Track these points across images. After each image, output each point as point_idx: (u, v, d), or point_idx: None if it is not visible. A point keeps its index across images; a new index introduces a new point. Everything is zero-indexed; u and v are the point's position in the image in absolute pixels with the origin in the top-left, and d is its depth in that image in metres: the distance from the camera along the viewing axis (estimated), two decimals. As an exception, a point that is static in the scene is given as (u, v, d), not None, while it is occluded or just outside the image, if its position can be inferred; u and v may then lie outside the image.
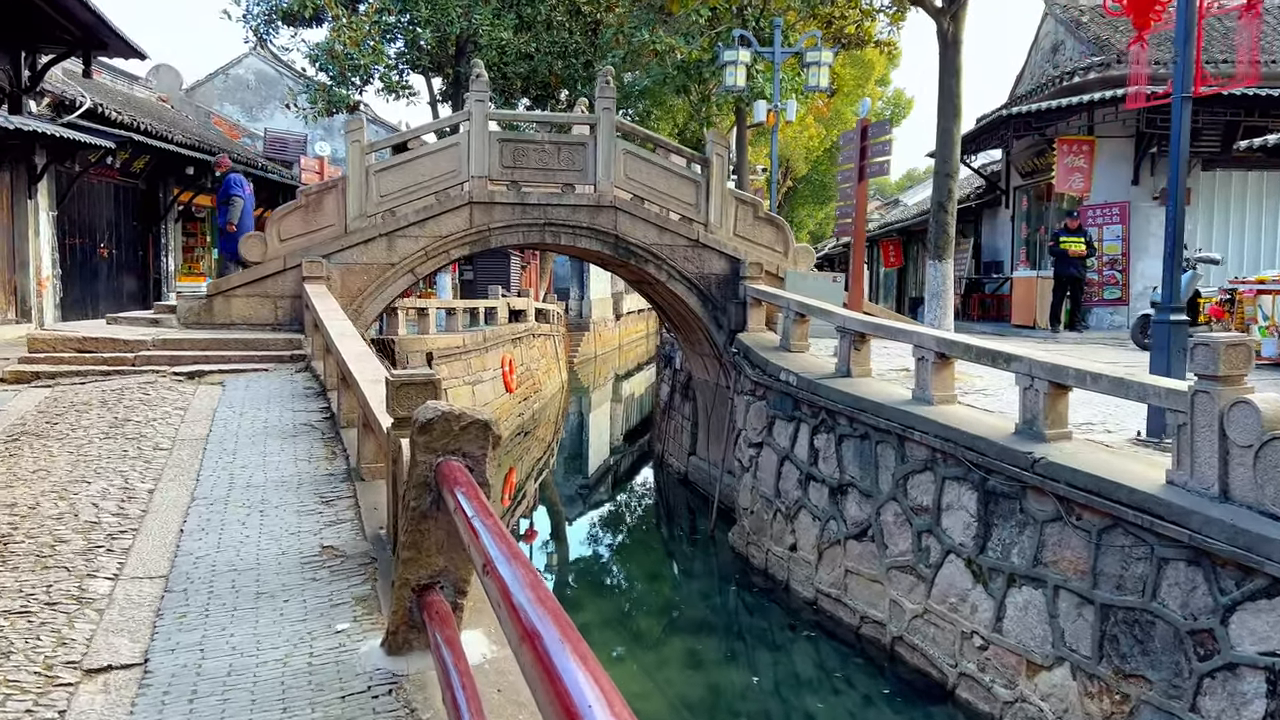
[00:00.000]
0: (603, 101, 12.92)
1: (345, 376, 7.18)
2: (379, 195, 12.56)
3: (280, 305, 12.22)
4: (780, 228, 13.62)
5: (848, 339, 9.86)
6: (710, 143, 13.31)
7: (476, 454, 3.81)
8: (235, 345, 10.96)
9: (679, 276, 13.27)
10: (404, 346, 15.96)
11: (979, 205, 22.95)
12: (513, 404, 23.08)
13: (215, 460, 6.88)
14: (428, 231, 12.63)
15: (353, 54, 19.33)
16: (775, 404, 10.83)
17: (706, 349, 14.30)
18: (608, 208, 12.99)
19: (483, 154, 12.68)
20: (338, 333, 8.32)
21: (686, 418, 16.76)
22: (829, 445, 9.61)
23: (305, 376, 10.04)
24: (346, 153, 12.49)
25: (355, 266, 12.43)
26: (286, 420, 8.12)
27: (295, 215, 12.36)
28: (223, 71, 32.11)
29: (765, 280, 13.22)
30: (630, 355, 51.00)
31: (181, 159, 19.32)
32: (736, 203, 13.47)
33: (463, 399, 18.36)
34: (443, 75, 23.90)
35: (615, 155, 12.99)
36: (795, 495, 10.21)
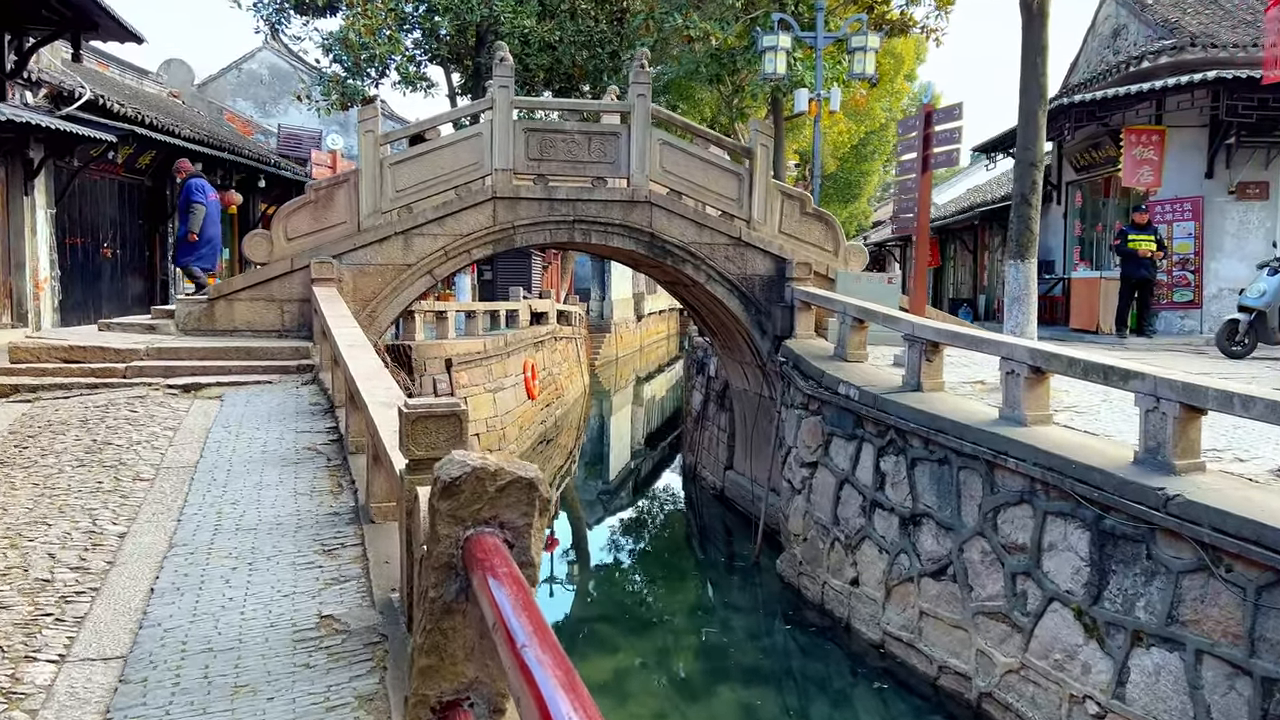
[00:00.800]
0: (637, 87, 11.95)
1: (353, 395, 6.24)
2: (394, 190, 11.64)
3: (287, 310, 11.32)
4: (830, 224, 12.60)
5: (918, 349, 8.83)
6: (753, 132, 12.30)
7: (518, 523, 2.85)
8: (236, 354, 10.06)
9: (719, 278, 12.27)
10: (421, 353, 15.05)
11: (1028, 201, 21.77)
12: (535, 411, 22.15)
13: (203, 494, 5.95)
14: (447, 229, 11.69)
15: (368, 43, 18.45)
16: (832, 420, 9.82)
17: (747, 356, 13.30)
18: (642, 203, 12.02)
19: (507, 145, 11.73)
20: (347, 343, 7.38)
21: (722, 429, 15.75)
22: (899, 469, 8.58)
23: (312, 390, 9.12)
24: (359, 144, 11.58)
25: (368, 268, 11.51)
26: (288, 443, 7.19)
27: (304, 212, 11.46)
28: (236, 66, 31.36)
29: (814, 282, 12.20)
30: (651, 357, 50.16)
31: (189, 154, 18.50)
32: (782, 197, 12.47)
33: (484, 408, 17.44)
34: (461, 67, 23.02)
35: (650, 146, 12.01)
36: (858, 523, 9.19)
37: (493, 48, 22.88)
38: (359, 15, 18.40)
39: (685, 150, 12.20)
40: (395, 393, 5.75)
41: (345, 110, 22.15)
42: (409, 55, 20.51)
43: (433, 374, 15.40)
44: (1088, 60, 19.41)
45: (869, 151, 46.33)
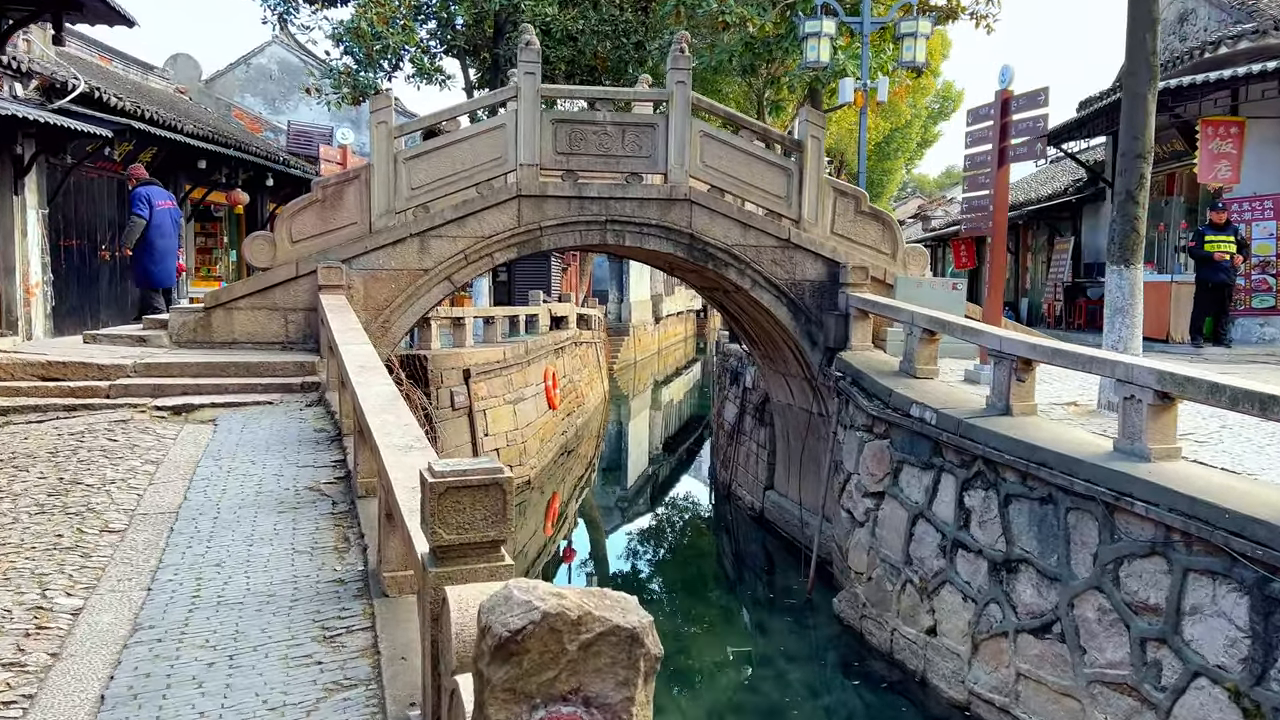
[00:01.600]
0: (676, 74, 10.92)
1: (363, 429, 5.25)
2: (409, 188, 10.66)
3: (291, 320, 10.36)
4: (887, 225, 11.55)
5: (1006, 367, 7.77)
6: (803, 123, 11.26)
7: (613, 701, 1.84)
8: (234, 370, 9.10)
9: (765, 283, 11.24)
10: (437, 364, 14.08)
11: (1079, 200, 20.66)
12: (556, 422, 21.17)
13: (182, 551, 4.97)
14: (468, 231, 10.70)
15: (381, 33, 17.51)
16: (903, 446, 8.77)
17: (794, 369, 12.26)
18: (681, 201, 11.00)
19: (533, 137, 10.73)
20: (356, 364, 6.39)
21: (762, 445, 14.71)
22: (988, 506, 7.53)
23: (317, 413, 8.14)
24: (370, 137, 10.60)
25: (381, 273, 10.54)
26: (287, 481, 6.20)
27: (310, 212, 10.49)
28: (244, 61, 30.54)
29: (871, 288, 11.15)
30: (669, 360, 49.33)
31: (194, 152, 17.60)
32: (835, 195, 11.42)
33: (504, 421, 16.46)
34: (478, 60, 22.05)
35: (691, 138, 10.98)
36: (935, 565, 8.14)
37: (512, 39, 21.96)
38: (372, 3, 17.45)
39: (728, 143, 11.17)
40: (413, 431, 4.75)
41: (356, 105, 21.21)
42: (424, 47, 19.55)
43: (450, 386, 14.42)
44: (1148, 48, 18.25)
45: (892, 149, 45.21)
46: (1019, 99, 9.40)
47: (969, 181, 10.31)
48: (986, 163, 9.95)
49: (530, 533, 15.92)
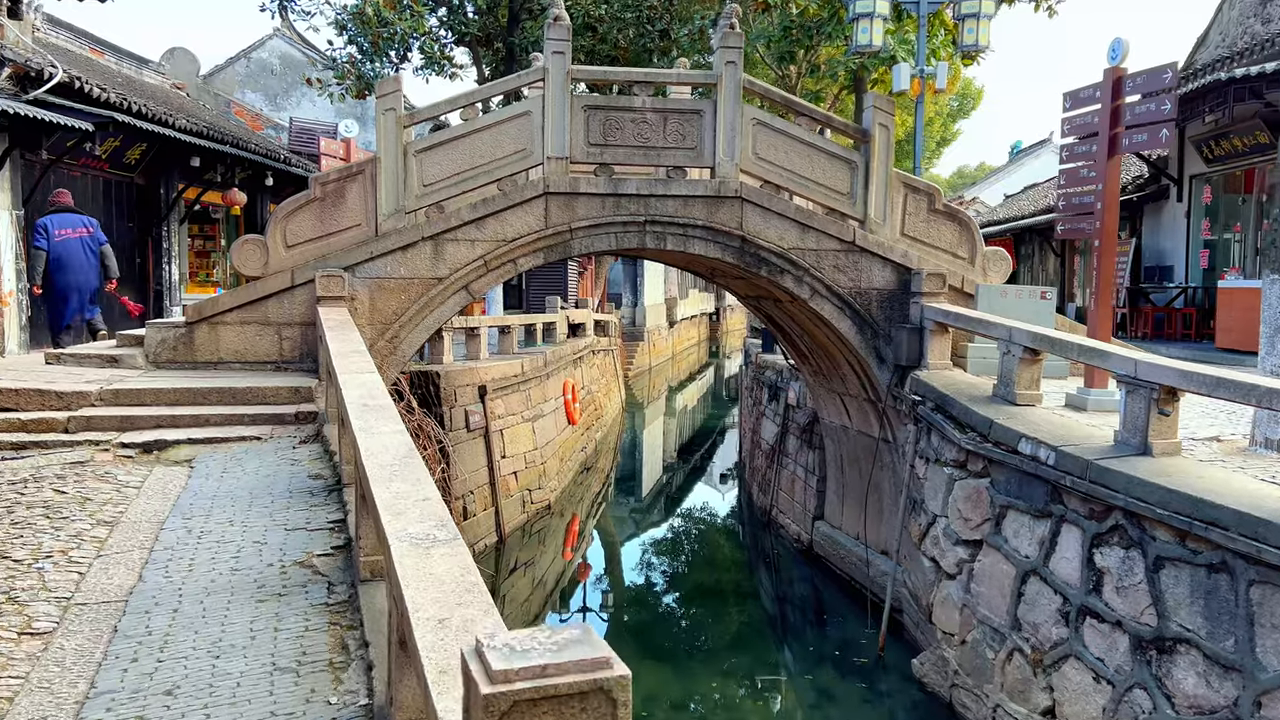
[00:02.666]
0: (725, 53, 9.64)
1: (366, 496, 3.98)
2: (421, 184, 9.41)
3: (286, 336, 9.11)
4: (965, 226, 10.25)
5: (1144, 397, 6.47)
6: (870, 109, 9.97)
7: None
8: (218, 398, 7.85)
9: (827, 292, 9.95)
10: (450, 381, 12.81)
11: (1139, 198, 19.30)
12: (576, 438, 19.91)
13: (123, 670, 3.71)
14: (488, 233, 9.44)
15: (388, 19, 16.27)
16: (1008, 488, 7.46)
17: (853, 388, 10.96)
18: (731, 198, 9.72)
19: (562, 126, 9.47)
20: (359, 402, 5.12)
21: (810, 471, 13.41)
22: (1129, 568, 6.22)
23: (313, 451, 6.88)
24: (377, 127, 9.34)
25: (389, 282, 9.28)
26: (272, 551, 4.94)
27: (307, 213, 9.24)
28: (244, 55, 29.41)
29: (949, 297, 9.85)
30: (683, 365, 48.31)
31: (186, 149, 16.39)
32: (905, 191, 10.12)
33: (522, 441, 15.19)
34: (491, 50, 20.81)
35: (742, 126, 9.71)
36: (1055, 634, 6.83)
37: (527, 27, 20.73)
38: (378, -13, 16.25)
39: (785, 132, 9.88)
40: (435, 510, 3.48)
41: (362, 98, 20.02)
42: (433, 35, 18.31)
43: (464, 405, 13.16)
44: (1223, 33, 16.94)
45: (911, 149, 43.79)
46: (1136, 78, 8.09)
47: (1066, 176, 8.99)
48: (1090, 154, 8.64)
49: (550, 559, 14.68)
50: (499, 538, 13.74)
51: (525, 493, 15.05)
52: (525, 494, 15.04)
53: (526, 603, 12.88)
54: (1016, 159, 45.66)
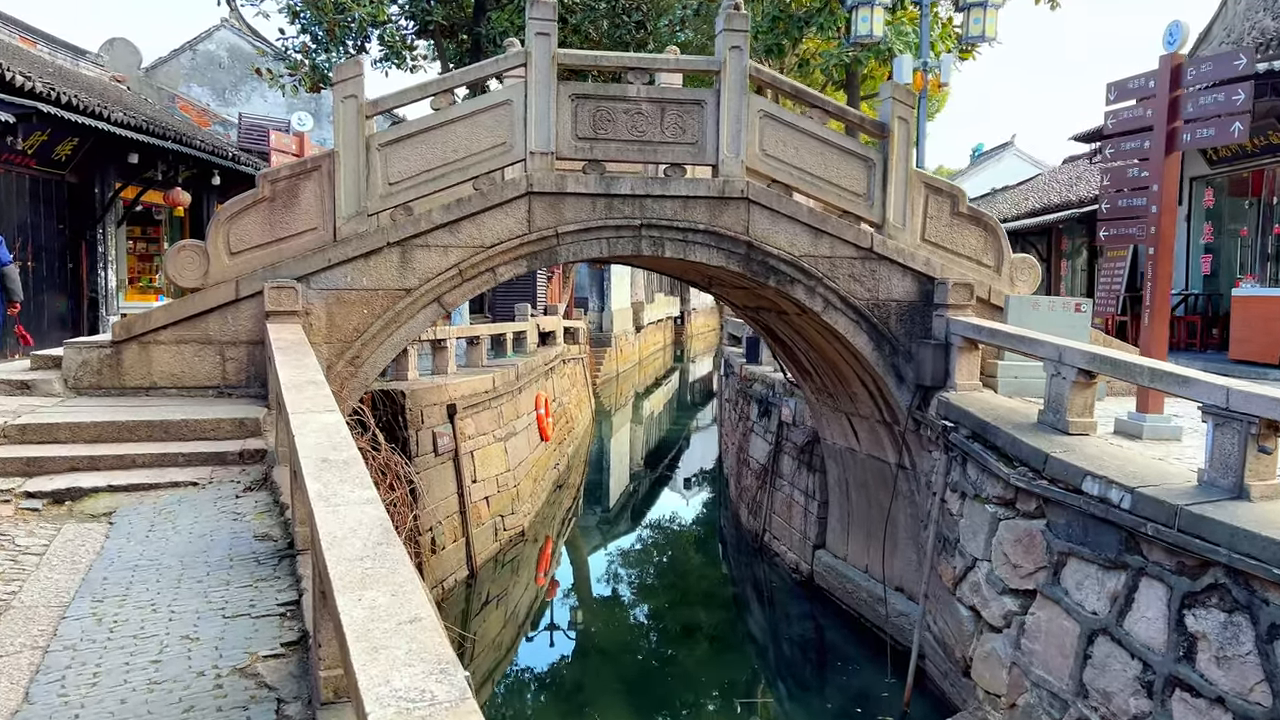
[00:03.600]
0: (730, 36, 8.67)
1: (329, 600, 2.93)
2: (386, 183, 8.32)
3: (230, 357, 7.97)
4: (990, 230, 9.37)
5: (1236, 431, 5.59)
6: (888, 101, 9.05)
7: None
8: (148, 433, 6.71)
9: (841, 304, 9.01)
10: (416, 400, 11.69)
11: (1136, 201, 18.63)
12: (549, 455, 18.84)
13: None
14: (463, 238, 8.38)
15: (345, 4, 15.10)
16: (1070, 533, 6.55)
17: (865, 409, 10.05)
18: (737, 200, 8.75)
19: (547, 116, 8.43)
20: (317, 455, 4.07)
21: (809, 495, 12.48)
22: (1234, 635, 5.32)
23: (260, 502, 5.77)
24: (335, 117, 8.23)
25: (350, 294, 8.18)
26: (205, 652, 3.86)
27: (255, 215, 8.11)
28: (190, 47, 27.88)
29: (975, 310, 8.97)
30: (649, 370, 47.63)
31: (124, 144, 15.10)
32: (927, 192, 9.22)
33: (494, 462, 14.10)
34: (456, 41, 19.69)
35: (748, 119, 8.74)
36: (1133, 705, 5.92)
37: (494, 18, 19.63)
38: (334, -30, 15.07)
39: (795, 126, 8.92)
40: (430, 640, 2.45)
41: (316, 92, 18.79)
42: (394, 23, 17.16)
43: (431, 426, 12.05)
44: (1228, 28, 16.32)
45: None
46: (1200, 65, 7.24)
47: (1112, 176, 8.14)
48: (1140, 150, 7.79)
49: (523, 589, 13.63)
50: (470, 571, 12.64)
51: (498, 519, 13.96)
52: (498, 521, 13.96)
53: (498, 639, 11.85)
54: (978, 162, 44.95)
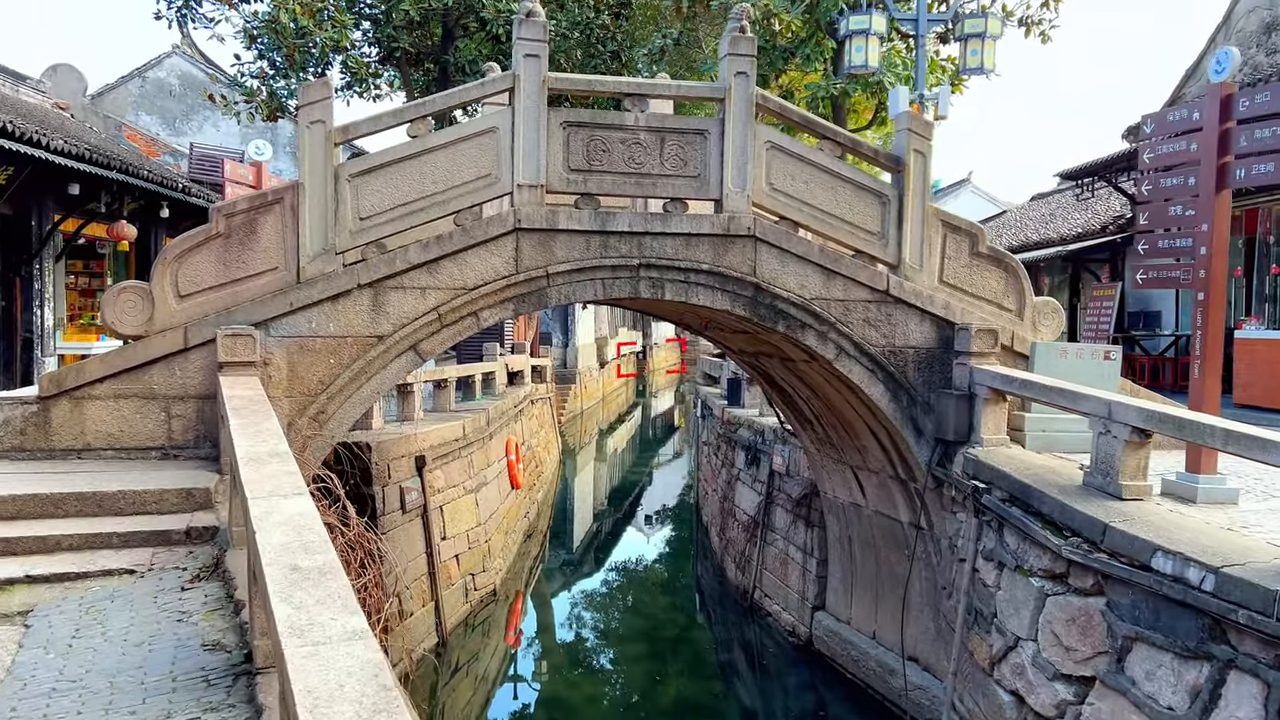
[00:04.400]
0: (735, 61, 8.02)
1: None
2: (357, 217, 7.50)
3: (177, 413, 7.06)
4: (1011, 271, 8.76)
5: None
6: (902, 132, 8.44)
7: None
8: (77, 507, 5.78)
9: (855, 351, 8.33)
10: (383, 453, 10.79)
11: (1122, 239, 18.37)
12: (520, 504, 17.92)
13: None
14: (443, 279, 7.57)
15: (306, 28, 14.31)
16: (1137, 614, 5.86)
17: (875, 462, 9.35)
18: (743, 238, 8.05)
19: (537, 146, 7.69)
20: (283, 560, 3.24)
21: (807, 552, 11.73)
22: (1356, 745, 4.63)
23: (210, 597, 4.88)
24: (300, 144, 7.42)
25: (315, 342, 7.32)
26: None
27: (207, 253, 7.24)
28: (139, 74, 26.86)
29: (1000, 358, 8.33)
30: (612, 406, 47.08)
31: (64, 173, 14.13)
32: (945, 230, 8.60)
33: (465, 517, 13.18)
34: (423, 70, 18.97)
35: (755, 151, 8.07)
36: (1226, 819, 5.20)
37: (462, 45, 18.96)
38: (294, -9, 14.27)
39: (804, 158, 8.27)
40: None
41: (274, 121, 17.91)
42: (358, 49, 16.38)
43: (399, 481, 11.14)
44: (1217, 64, 16.09)
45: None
46: (1253, 95, 6.71)
47: (1150, 215, 7.57)
48: (1183, 188, 7.24)
49: (494, 653, 12.68)
50: (440, 639, 11.68)
51: (468, 578, 13.01)
52: (468, 580, 13.01)
53: (466, 710, 10.93)
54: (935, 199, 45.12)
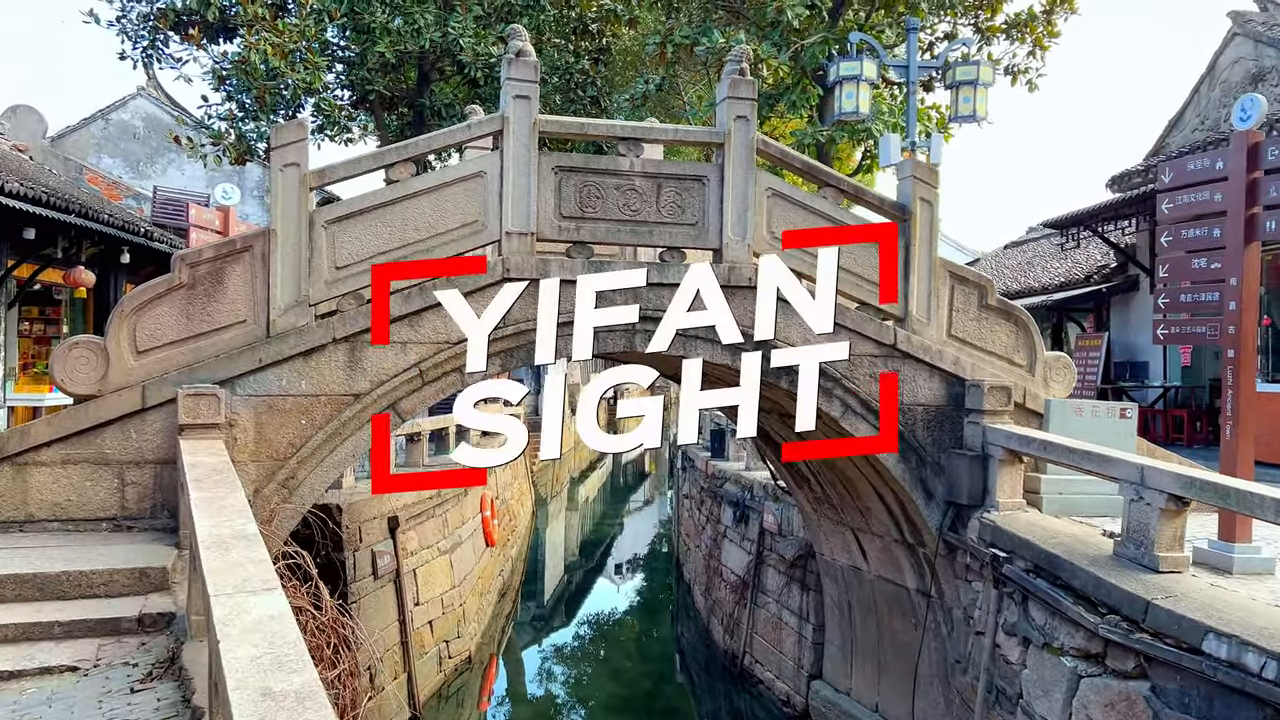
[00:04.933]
0: (734, 106, 7.67)
1: None
2: (333, 266, 7.01)
3: (132, 480, 6.46)
4: (1022, 325, 8.42)
5: None
6: (911, 180, 8.11)
7: None
8: (16, 590, 5.16)
9: (862, 409, 7.91)
10: (354, 515, 10.17)
11: (1107, 289, 18.25)
12: (495, 562, 17.24)
13: None
14: (426, 333, 7.08)
15: (278, 69, 13.86)
16: (1188, 701, 5.40)
17: (879, 525, 8.90)
18: (744, 289, 7.64)
19: (527, 192, 7.27)
20: (254, 682, 2.69)
21: (802, 616, 11.21)
22: None
23: (164, 703, 4.28)
24: (273, 188, 6.94)
25: (285, 401, 6.78)
26: None
27: (169, 305, 6.70)
28: (102, 116, 26.27)
29: (1014, 416, 7.94)
30: (583, 453, 46.40)
31: (17, 217, 13.50)
32: (952, 281, 8.25)
33: (439, 580, 12.52)
34: (396, 114, 18.57)
35: (756, 198, 7.70)
36: None
37: (438, 89, 18.60)
38: (264, 31, 13.82)
39: (806, 206, 7.91)
40: None
41: (242, 164, 17.37)
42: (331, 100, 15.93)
43: (370, 544, 10.51)
44: (1202, 115, 16.11)
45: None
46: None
47: (1171, 268, 7.26)
48: (1207, 239, 6.94)
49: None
50: (413, 712, 10.98)
51: (442, 645, 12.32)
52: (442, 647, 12.32)
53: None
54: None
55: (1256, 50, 14.85)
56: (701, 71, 15.71)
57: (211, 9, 14.69)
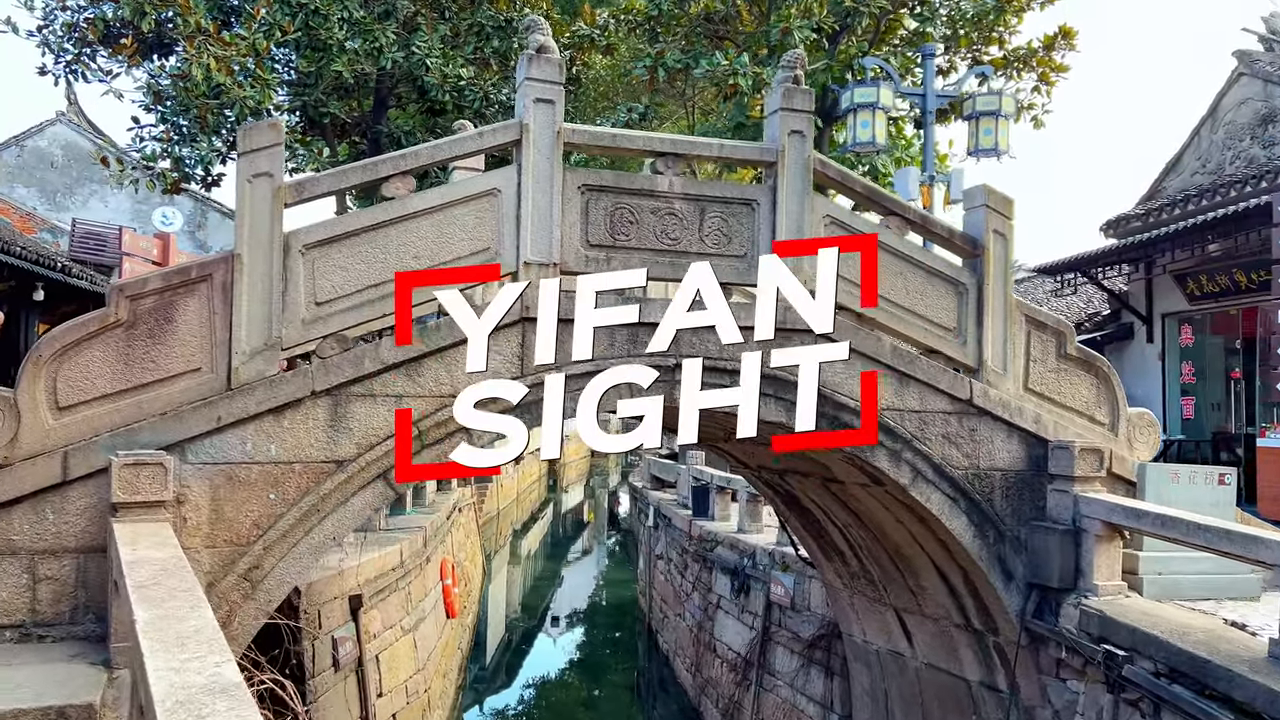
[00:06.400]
0: (789, 119, 6.62)
1: None
2: (312, 302, 5.71)
3: (46, 574, 5.03)
4: (1103, 377, 7.46)
5: None
6: (984, 210, 7.13)
7: None
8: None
9: (935, 475, 6.81)
10: (313, 596, 8.71)
11: (1101, 337, 17.62)
12: (455, 634, 15.71)
13: None
14: (426, 384, 5.81)
15: (223, 85, 12.49)
16: None
17: (935, 606, 7.78)
18: (801, 332, 6.51)
19: (549, 214, 6.09)
20: None
21: (826, 705, 9.99)
22: None
23: None
24: (239, 204, 5.64)
25: (249, 471, 5.42)
26: None
27: (102, 348, 5.32)
28: (16, 143, 24.38)
29: (1105, 483, 6.92)
30: (525, 504, 45.37)
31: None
32: (1028, 326, 7.26)
33: (403, 664, 11.03)
34: (350, 143, 17.25)
35: (812, 226, 6.62)
36: None
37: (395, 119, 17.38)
38: (207, 45, 12.46)
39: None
40: None
41: (175, 193, 15.81)
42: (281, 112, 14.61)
43: (331, 630, 9.04)
44: (1203, 158, 15.61)
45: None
46: None
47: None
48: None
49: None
50: (377, 826, 9.47)
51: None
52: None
53: None
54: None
55: (1266, 90, 14.41)
56: (693, 97, 14.75)
57: (147, 19, 13.25)
